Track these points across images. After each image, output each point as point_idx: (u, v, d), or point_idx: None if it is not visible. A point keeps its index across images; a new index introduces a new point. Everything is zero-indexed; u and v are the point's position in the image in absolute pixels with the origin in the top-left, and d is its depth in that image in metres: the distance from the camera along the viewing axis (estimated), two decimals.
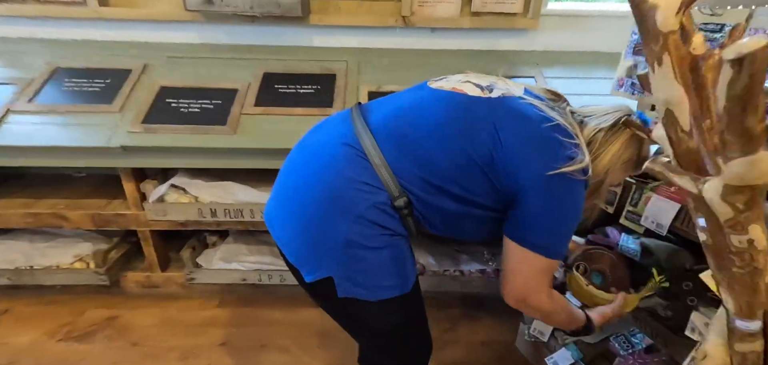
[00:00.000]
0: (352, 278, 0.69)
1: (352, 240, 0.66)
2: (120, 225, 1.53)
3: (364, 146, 0.69)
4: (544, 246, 0.67)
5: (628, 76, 1.02)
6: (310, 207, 0.69)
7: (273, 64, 1.56)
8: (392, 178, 0.67)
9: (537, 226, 0.67)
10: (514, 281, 0.71)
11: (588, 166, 0.66)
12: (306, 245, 0.71)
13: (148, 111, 1.35)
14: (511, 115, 0.67)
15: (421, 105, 0.72)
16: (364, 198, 0.67)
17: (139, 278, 1.67)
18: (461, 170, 0.67)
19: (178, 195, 1.46)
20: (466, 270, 1.63)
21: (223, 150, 1.32)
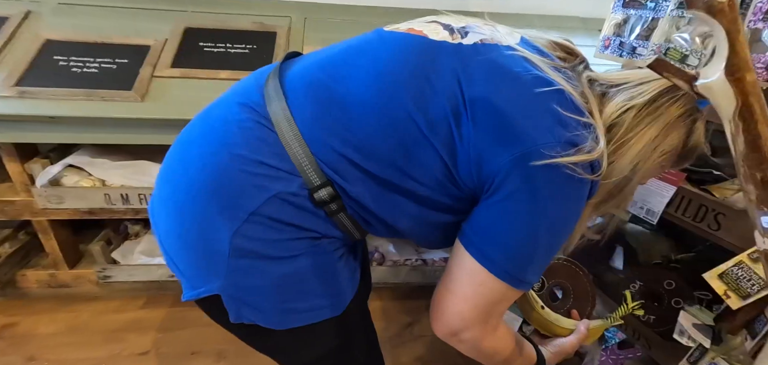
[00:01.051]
0: (244, 299, 0.48)
1: (241, 247, 0.46)
2: (8, 215, 1.24)
3: (271, 109, 0.47)
4: (507, 271, 0.46)
5: (615, 35, 0.86)
6: (187, 202, 0.48)
7: (198, 18, 1.28)
8: (309, 157, 0.45)
9: (504, 238, 0.46)
10: (451, 305, 0.49)
11: (601, 158, 0.45)
12: (185, 251, 0.49)
13: (26, 70, 1.05)
14: (489, 70, 0.46)
15: (360, 51, 0.50)
16: (261, 187, 0.45)
17: (41, 277, 1.39)
18: (405, 149, 0.45)
19: (78, 177, 1.19)
20: (429, 259, 1.48)
21: (129, 121, 1.05)
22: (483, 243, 0.47)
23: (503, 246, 0.46)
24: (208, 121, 0.51)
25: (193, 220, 0.47)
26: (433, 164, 0.46)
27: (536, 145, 0.42)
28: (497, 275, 0.46)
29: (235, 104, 0.50)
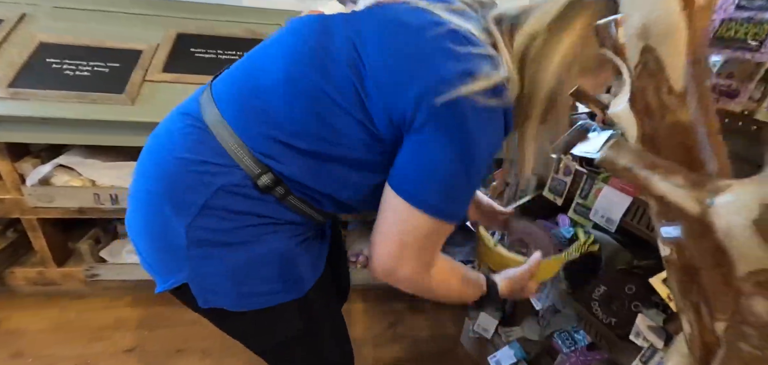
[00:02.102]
0: (207, 285, 0.53)
1: (197, 238, 0.51)
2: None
3: (205, 116, 0.52)
4: (427, 203, 0.48)
5: None
6: (149, 209, 0.54)
7: (190, 24, 1.32)
8: (244, 149, 0.50)
9: (420, 174, 0.48)
10: (382, 245, 0.51)
11: (503, 83, 0.46)
12: (154, 250, 0.55)
13: (20, 72, 1.08)
14: (380, 26, 0.49)
15: (272, 43, 0.54)
16: (206, 183, 0.50)
17: (29, 274, 1.40)
18: (323, 120, 0.49)
19: (68, 177, 1.21)
20: None
21: (120, 123, 1.08)
22: (402, 181, 0.49)
23: (420, 182, 0.48)
24: (158, 133, 0.58)
25: (155, 222, 0.53)
26: (353, 127, 0.49)
27: (433, 81, 0.44)
28: (418, 208, 0.48)
29: (177, 114, 0.56)
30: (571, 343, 1.16)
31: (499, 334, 1.24)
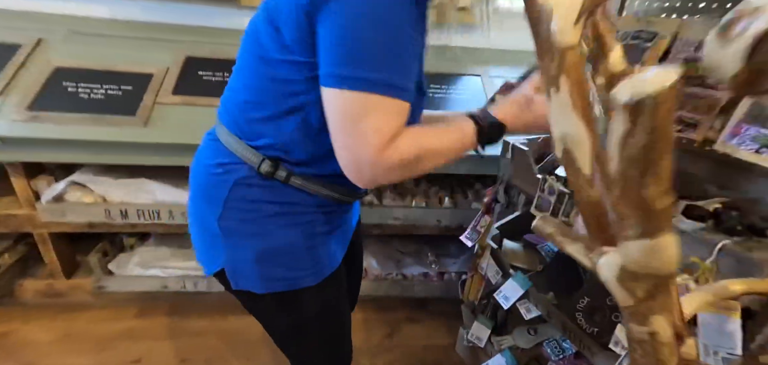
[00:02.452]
0: (237, 270, 0.63)
1: (228, 228, 0.61)
2: (10, 228, 1.31)
3: (216, 128, 0.65)
4: (359, 78, 0.46)
5: None
6: (192, 208, 0.66)
7: (197, 48, 1.39)
8: (241, 145, 0.59)
9: (337, 54, 0.46)
10: (339, 152, 0.50)
11: None
12: (199, 242, 0.67)
13: (37, 95, 1.15)
14: None
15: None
16: (225, 180, 0.60)
17: (38, 286, 1.45)
18: (273, 80, 0.54)
19: (81, 193, 1.27)
20: (409, 273, 1.58)
21: (133, 144, 1.15)
22: (325, 69, 0.48)
23: (336, 62, 0.47)
24: (196, 151, 0.69)
25: (198, 220, 0.65)
26: (294, 70, 0.52)
27: None
28: (347, 87, 0.46)
29: (205, 134, 0.68)
30: (559, 351, 1.22)
31: (492, 343, 1.30)
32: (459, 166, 1.39)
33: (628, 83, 0.17)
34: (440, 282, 1.59)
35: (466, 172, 1.42)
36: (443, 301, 1.61)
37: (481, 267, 1.20)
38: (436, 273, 1.59)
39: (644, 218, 0.18)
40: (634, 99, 0.16)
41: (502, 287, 1.08)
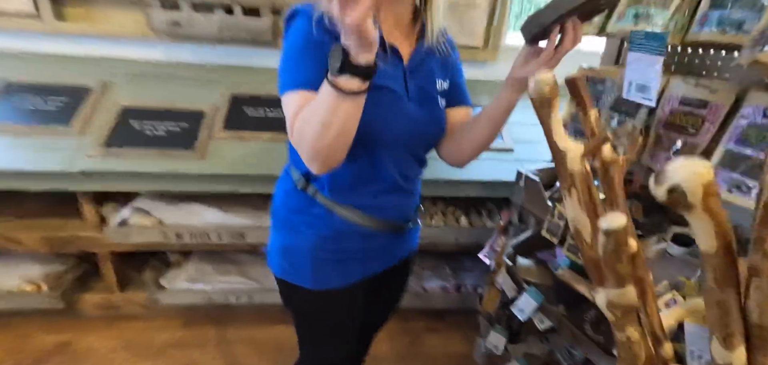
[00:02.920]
0: (272, 255, 0.81)
1: (274, 222, 0.80)
2: (77, 248, 1.48)
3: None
4: (282, 84, 0.62)
5: (571, 121, 1.15)
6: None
7: (241, 86, 1.57)
8: (290, 162, 0.76)
9: (279, 71, 0.64)
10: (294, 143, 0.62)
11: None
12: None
13: (110, 133, 1.32)
14: None
15: None
16: (280, 187, 0.80)
17: (96, 300, 1.61)
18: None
19: (141, 217, 1.44)
20: (428, 286, 1.72)
21: (192, 175, 1.31)
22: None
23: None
24: None
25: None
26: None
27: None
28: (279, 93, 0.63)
29: None
30: (570, 358, 1.35)
31: (507, 351, 1.43)
32: (472, 189, 1.53)
33: (606, 218, 0.33)
34: (457, 294, 1.73)
35: (480, 195, 1.57)
36: (460, 312, 1.75)
37: (498, 282, 1.34)
38: (453, 287, 1.73)
39: (617, 278, 0.33)
40: (608, 227, 0.32)
41: (518, 300, 1.23)
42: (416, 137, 0.73)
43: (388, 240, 0.82)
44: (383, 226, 0.77)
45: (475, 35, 1.72)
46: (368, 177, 0.72)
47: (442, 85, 0.74)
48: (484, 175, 1.49)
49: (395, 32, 0.69)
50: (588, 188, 0.38)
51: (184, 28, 1.43)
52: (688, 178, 0.27)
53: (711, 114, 0.80)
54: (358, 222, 0.75)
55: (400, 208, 0.80)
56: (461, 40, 1.72)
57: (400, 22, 0.70)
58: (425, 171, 0.83)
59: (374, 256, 0.82)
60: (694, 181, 0.27)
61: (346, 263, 0.78)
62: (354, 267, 0.80)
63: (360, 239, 0.77)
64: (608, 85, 1.02)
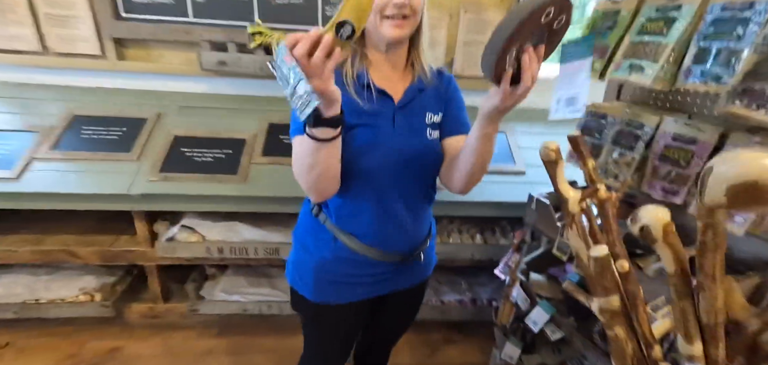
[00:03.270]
0: (289, 264, 0.94)
1: (293, 238, 0.94)
2: (128, 261, 1.64)
3: None
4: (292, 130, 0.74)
5: None
6: None
7: (276, 115, 1.73)
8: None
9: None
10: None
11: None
12: None
13: (165, 159, 1.49)
14: None
15: None
16: (299, 215, 0.93)
17: (142, 309, 1.76)
18: None
19: (187, 234, 1.60)
20: (446, 300, 1.84)
21: (236, 197, 1.47)
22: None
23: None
24: None
25: None
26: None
27: None
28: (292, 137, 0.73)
29: None
30: None
31: (522, 361, 1.53)
32: (486, 210, 1.66)
33: (594, 248, 0.46)
34: (473, 308, 1.84)
35: (494, 214, 1.70)
36: (476, 325, 1.86)
37: (512, 296, 1.46)
38: (469, 300, 1.85)
39: (604, 291, 0.46)
40: (594, 255, 0.45)
41: (531, 313, 1.34)
42: (402, 165, 0.79)
43: (393, 269, 0.88)
44: (384, 256, 0.85)
45: None
46: (367, 207, 0.80)
47: (432, 118, 0.82)
48: (497, 196, 1.62)
49: (392, 76, 0.81)
50: (583, 226, 0.51)
51: (230, 66, 1.61)
52: (653, 220, 0.41)
53: (699, 149, 0.92)
54: (358, 250, 0.83)
55: (403, 239, 0.86)
56: (475, 71, 1.87)
57: (397, 67, 0.81)
58: (439, 197, 0.91)
59: (377, 282, 0.89)
60: (656, 222, 0.41)
61: (346, 285, 0.87)
62: (354, 289, 0.88)
63: (360, 266, 0.85)
64: (610, 120, 1.14)
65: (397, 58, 0.80)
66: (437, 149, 0.83)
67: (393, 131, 0.78)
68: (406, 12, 0.72)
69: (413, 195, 0.84)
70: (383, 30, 0.73)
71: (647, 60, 0.90)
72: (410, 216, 0.84)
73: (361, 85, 0.77)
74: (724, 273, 0.39)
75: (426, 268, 0.98)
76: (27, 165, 1.42)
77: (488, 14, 1.78)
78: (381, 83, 0.78)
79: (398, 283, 0.93)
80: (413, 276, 0.95)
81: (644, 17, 0.95)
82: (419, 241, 0.90)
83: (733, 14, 0.79)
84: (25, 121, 1.56)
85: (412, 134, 0.79)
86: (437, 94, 0.84)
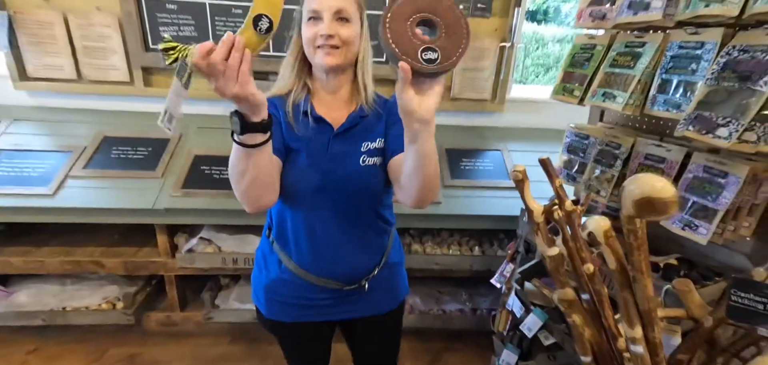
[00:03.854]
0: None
1: (256, 253, 0.97)
2: (150, 271, 1.76)
3: None
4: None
5: (564, 168, 1.39)
6: None
7: None
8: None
9: None
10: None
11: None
12: None
13: (186, 177, 1.63)
14: None
15: None
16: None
17: (159, 318, 1.88)
18: None
19: (204, 245, 1.72)
20: (447, 309, 1.93)
21: None
22: None
23: None
24: None
25: None
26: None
27: None
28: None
29: None
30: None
31: None
32: (484, 223, 1.76)
33: (548, 249, 0.58)
34: (473, 317, 1.93)
35: (491, 227, 1.80)
36: (476, 333, 1.94)
37: (508, 304, 1.55)
38: (469, 309, 1.94)
39: (560, 284, 0.57)
40: (548, 254, 0.57)
41: (526, 320, 1.43)
42: (334, 189, 0.79)
43: (337, 296, 0.88)
44: (319, 281, 0.85)
45: (484, 90, 2.01)
46: (301, 231, 0.82)
47: (368, 146, 0.81)
48: (494, 210, 1.73)
49: (333, 104, 0.83)
50: (546, 232, 0.63)
51: None
52: (596, 228, 0.52)
53: (668, 167, 1.04)
54: (295, 272, 0.85)
55: (341, 267, 0.86)
56: (472, 94, 2.01)
57: (340, 95, 0.83)
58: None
59: (325, 307, 0.89)
60: (599, 228, 0.52)
61: (292, 306, 0.88)
62: (302, 311, 0.89)
63: (300, 288, 0.87)
64: (592, 141, 1.26)
65: (340, 86, 0.82)
66: (375, 175, 0.81)
67: (325, 156, 0.79)
68: (334, 42, 0.75)
69: (351, 221, 0.83)
70: (317, 59, 0.77)
71: (618, 89, 1.03)
72: (350, 244, 0.85)
73: (298, 112, 0.80)
74: (649, 267, 0.50)
75: (390, 299, 0.97)
76: (62, 182, 1.56)
77: (483, 42, 1.93)
78: (321, 110, 0.81)
79: (355, 311, 0.92)
80: (373, 306, 0.94)
81: (615, 51, 1.08)
82: (363, 270, 0.89)
83: (688, 52, 0.92)
84: (61, 142, 1.71)
85: (345, 159, 0.80)
86: (378, 120, 0.84)
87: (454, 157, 1.90)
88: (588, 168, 1.27)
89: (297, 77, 0.83)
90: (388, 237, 0.93)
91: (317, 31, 0.75)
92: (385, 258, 0.91)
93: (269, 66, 1.77)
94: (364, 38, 0.82)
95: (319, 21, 0.75)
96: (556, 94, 1.26)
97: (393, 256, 0.95)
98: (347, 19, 0.76)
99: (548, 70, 5.84)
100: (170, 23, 1.71)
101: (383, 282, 0.92)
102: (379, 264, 0.90)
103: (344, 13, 0.76)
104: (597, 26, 1.12)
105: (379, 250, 0.90)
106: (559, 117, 2.11)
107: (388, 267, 0.93)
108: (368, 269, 0.89)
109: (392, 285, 0.96)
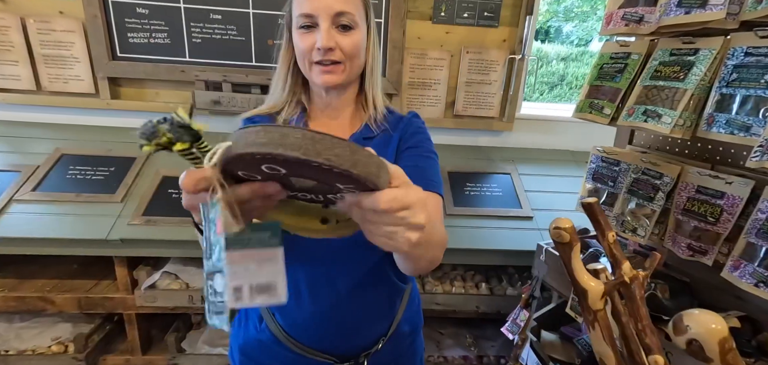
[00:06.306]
0: None
1: None
2: (107, 309, 1.53)
3: None
4: None
5: (588, 195, 1.18)
6: None
7: None
8: None
9: None
10: None
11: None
12: None
13: (150, 202, 1.42)
14: None
15: None
16: None
17: (117, 361, 1.63)
18: None
19: (169, 280, 1.49)
20: (450, 355, 1.68)
21: None
22: None
23: None
24: None
25: None
26: None
27: None
28: None
29: None
30: None
31: None
32: (492, 258, 1.54)
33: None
34: (479, 363, 1.68)
35: (500, 263, 1.58)
36: None
37: (522, 359, 1.31)
38: (475, 357, 1.69)
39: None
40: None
41: None
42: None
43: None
44: (310, 354, 0.67)
45: (492, 107, 1.82)
46: (293, 290, 0.64)
47: None
48: (503, 243, 1.51)
49: (332, 124, 0.69)
50: (608, 324, 0.41)
51: (224, 105, 1.57)
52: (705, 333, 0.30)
53: (728, 204, 0.83)
54: (280, 339, 0.67)
55: (342, 337, 0.68)
56: (479, 112, 1.82)
57: (342, 114, 0.69)
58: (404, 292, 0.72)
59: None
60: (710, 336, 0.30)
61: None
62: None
63: (283, 359, 0.69)
64: (623, 167, 1.06)
65: (342, 104, 0.69)
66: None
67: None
68: (335, 57, 0.61)
69: (354, 277, 0.66)
70: (313, 77, 0.63)
71: (664, 107, 0.83)
72: (349, 306, 0.67)
73: None
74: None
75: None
76: (4, 207, 1.35)
77: (490, 54, 1.75)
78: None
79: None
80: None
81: (657, 61, 0.88)
82: (364, 343, 0.70)
83: (759, 59, 0.72)
84: (11, 160, 1.51)
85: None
86: (387, 143, 0.67)
87: (457, 181, 1.69)
88: (619, 199, 1.06)
89: (290, 93, 0.69)
90: (400, 300, 0.73)
91: (313, 42, 0.61)
92: (394, 327, 0.72)
93: (250, 78, 1.58)
94: (372, 44, 0.66)
95: (314, 29, 0.61)
96: (580, 112, 1.06)
97: (406, 322, 0.75)
98: (350, 25, 0.62)
99: (553, 87, 5.72)
100: (140, 29, 1.53)
101: (387, 356, 0.72)
102: (385, 335, 0.72)
103: (346, 17, 0.61)
104: (631, 31, 0.93)
105: (386, 315, 0.72)
106: (575, 137, 1.92)
107: (396, 338, 0.73)
108: (370, 341, 0.71)
109: (395, 354, 0.74)
